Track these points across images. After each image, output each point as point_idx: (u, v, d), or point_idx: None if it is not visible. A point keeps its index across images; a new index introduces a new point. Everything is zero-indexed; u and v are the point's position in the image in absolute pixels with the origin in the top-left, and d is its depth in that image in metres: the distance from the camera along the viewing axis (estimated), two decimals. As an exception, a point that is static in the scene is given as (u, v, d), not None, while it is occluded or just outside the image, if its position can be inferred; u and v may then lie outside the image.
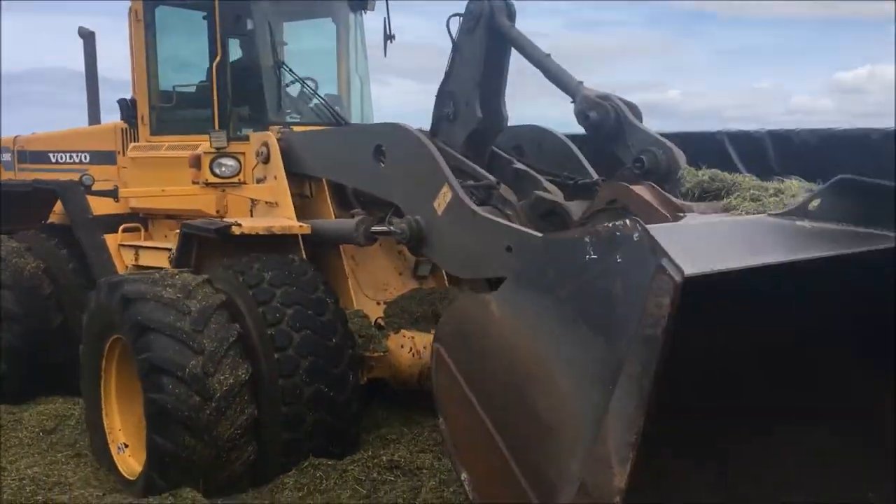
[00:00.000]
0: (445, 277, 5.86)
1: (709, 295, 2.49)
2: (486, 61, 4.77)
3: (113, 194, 5.94)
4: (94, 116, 7.24)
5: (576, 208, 4.50)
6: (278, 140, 5.65)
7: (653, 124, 4.59)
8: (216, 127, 5.91)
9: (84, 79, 7.44)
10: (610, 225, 2.68)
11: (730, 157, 6.91)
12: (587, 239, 2.74)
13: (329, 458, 4.69)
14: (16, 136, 7.81)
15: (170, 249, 5.81)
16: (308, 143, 5.64)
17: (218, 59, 5.88)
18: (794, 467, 3.42)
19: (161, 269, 5.53)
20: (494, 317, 3.15)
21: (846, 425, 3.56)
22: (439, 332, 3.46)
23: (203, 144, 5.81)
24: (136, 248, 6.38)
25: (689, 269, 2.39)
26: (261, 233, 5.18)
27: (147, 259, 6.30)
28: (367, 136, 5.04)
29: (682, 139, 7.25)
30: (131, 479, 4.77)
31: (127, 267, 6.43)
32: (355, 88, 6.81)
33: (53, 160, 7.09)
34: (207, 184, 5.79)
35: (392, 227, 4.59)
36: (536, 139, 5.42)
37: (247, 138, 5.85)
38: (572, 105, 4.49)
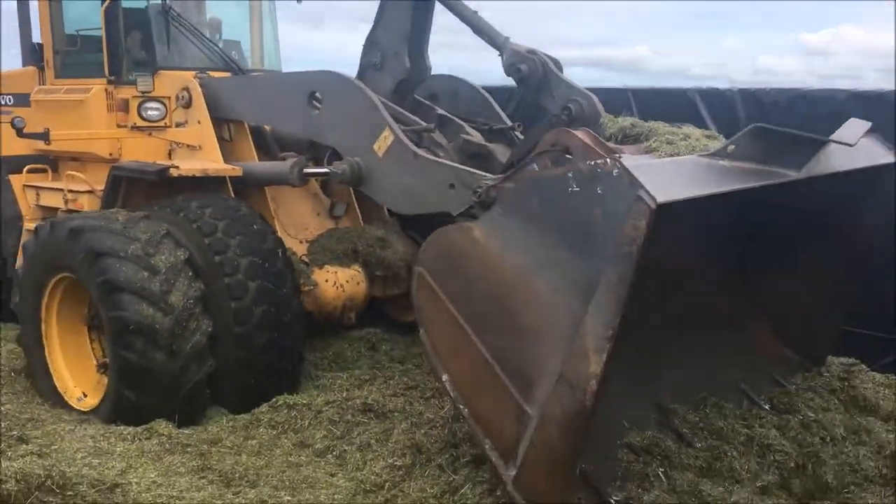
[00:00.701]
0: (360, 217, 6.31)
1: (675, 224, 3.12)
2: (413, 15, 5.20)
3: (44, 137, 6.05)
4: (26, 59, 7.21)
5: (498, 151, 4.98)
6: (200, 85, 5.90)
7: (619, 80, 4.90)
8: (107, 72, 6.11)
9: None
10: (591, 163, 3.24)
11: (700, 115, 6.99)
12: (570, 175, 3.28)
13: (279, 376, 5.08)
14: None
15: (62, 191, 6.17)
16: (233, 89, 5.91)
17: (107, 2, 5.98)
18: (695, 365, 4.27)
19: (58, 209, 6.02)
20: (478, 241, 3.62)
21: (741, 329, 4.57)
22: (422, 258, 3.87)
23: (95, 88, 6.11)
24: (38, 188, 6.53)
25: (661, 198, 2.97)
26: (198, 174, 5.46)
27: (47, 199, 6.46)
28: (299, 83, 5.31)
29: (653, 95, 7.38)
30: (89, 409, 5.10)
31: (30, 206, 6.61)
32: (267, 34, 7.04)
33: (37, 108, 6.99)
34: (135, 127, 6.08)
35: (333, 169, 4.92)
36: (452, 88, 5.87)
37: (135, 83, 6.09)
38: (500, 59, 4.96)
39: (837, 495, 3.89)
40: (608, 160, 3.19)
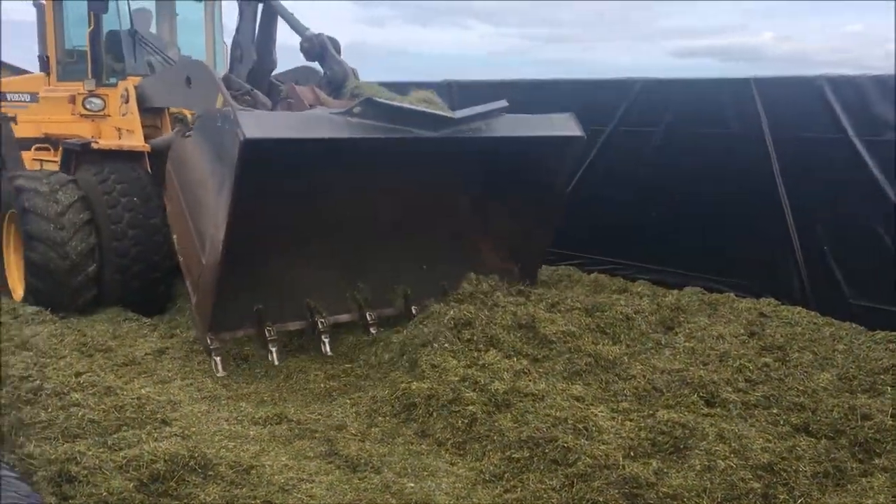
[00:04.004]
0: None
1: (275, 153, 5.27)
2: (260, 23, 7.23)
3: (13, 119, 8.92)
4: (42, 66, 9.01)
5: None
6: (135, 87, 7.77)
7: (739, 68, 4.99)
8: (89, 76, 8.18)
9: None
10: (226, 108, 5.62)
11: (829, 103, 6.71)
12: (218, 114, 5.47)
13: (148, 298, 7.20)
14: None
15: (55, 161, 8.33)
16: (152, 84, 7.76)
17: (91, 27, 8.00)
18: (396, 268, 6.43)
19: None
20: (188, 149, 5.87)
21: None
22: (170, 156, 6.18)
23: (75, 86, 8.25)
24: (41, 161, 8.64)
25: (251, 134, 5.06)
26: (113, 148, 7.68)
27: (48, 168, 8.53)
28: (181, 71, 7.25)
29: (777, 85, 7.13)
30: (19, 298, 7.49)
31: None
32: (218, 47, 9.12)
33: (10, 98, 9.31)
34: (81, 115, 8.21)
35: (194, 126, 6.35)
36: (304, 74, 7.77)
37: (114, 84, 8.06)
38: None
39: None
40: (231, 107, 5.55)
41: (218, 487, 3.88)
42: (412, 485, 4.11)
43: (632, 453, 4.25)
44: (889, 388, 4.97)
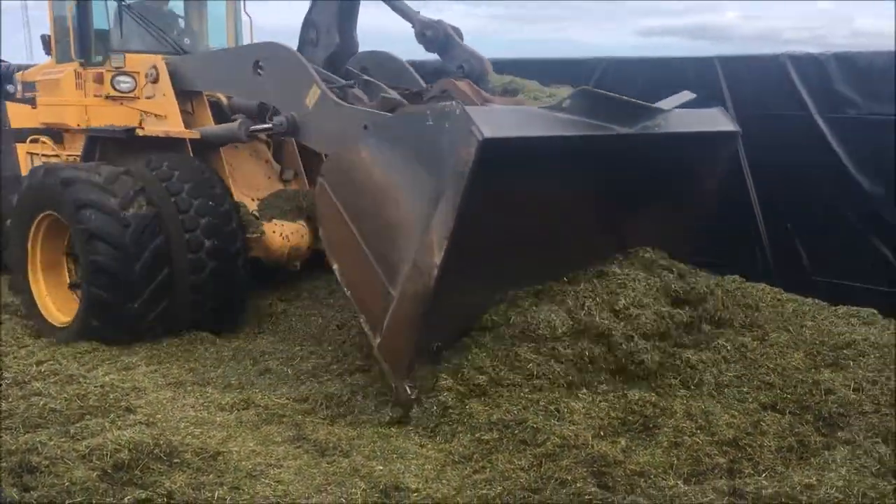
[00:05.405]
0: (305, 181, 7.16)
1: (509, 157, 4.35)
2: None
3: (31, 102, 7.83)
4: (45, 48, 8.44)
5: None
6: (166, 63, 6.84)
7: (706, 48, 5.10)
8: (73, 55, 7.33)
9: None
10: (443, 104, 4.50)
11: (792, 81, 6.75)
12: (428, 112, 4.51)
13: (225, 310, 6.34)
14: (22, 71, 9.28)
15: (59, 156, 7.51)
16: (194, 64, 6.87)
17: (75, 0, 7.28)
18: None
19: None
20: (363, 159, 4.77)
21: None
22: (324, 171, 5.04)
23: (67, 69, 7.34)
24: (32, 154, 7.79)
25: (488, 134, 4.16)
26: (161, 136, 6.60)
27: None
28: (246, 54, 6.18)
29: (741, 63, 7.17)
30: (62, 325, 6.18)
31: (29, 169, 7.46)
32: (239, 37, 8.23)
33: (38, 89, 8.33)
34: (108, 97, 7.16)
35: (273, 123, 5.69)
36: (377, 60, 6.95)
37: (101, 63, 7.22)
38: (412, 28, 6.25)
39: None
40: (454, 103, 4.45)
41: (184, 475, 3.83)
42: (381, 467, 4.09)
43: (601, 433, 4.28)
44: (851, 363, 5.04)
